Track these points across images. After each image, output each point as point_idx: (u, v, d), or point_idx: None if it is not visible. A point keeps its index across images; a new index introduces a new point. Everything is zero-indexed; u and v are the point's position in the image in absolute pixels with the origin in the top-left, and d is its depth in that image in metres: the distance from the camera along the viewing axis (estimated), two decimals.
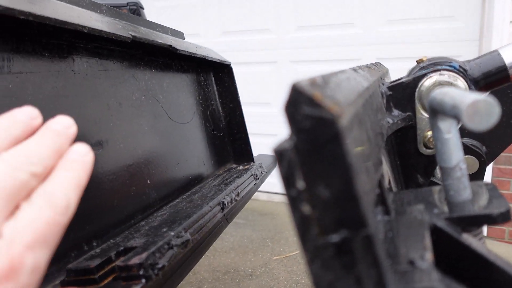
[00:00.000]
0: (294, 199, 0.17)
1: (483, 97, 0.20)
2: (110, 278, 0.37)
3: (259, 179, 0.79)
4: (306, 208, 0.17)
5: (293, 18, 2.62)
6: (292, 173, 0.17)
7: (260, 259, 2.10)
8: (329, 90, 0.19)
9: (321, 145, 0.16)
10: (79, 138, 0.47)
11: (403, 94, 0.46)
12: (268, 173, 0.90)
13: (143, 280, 0.36)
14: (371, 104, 0.32)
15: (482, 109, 0.20)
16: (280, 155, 0.17)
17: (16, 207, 0.24)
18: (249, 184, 0.70)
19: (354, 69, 0.37)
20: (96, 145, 0.49)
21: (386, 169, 0.40)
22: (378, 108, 0.38)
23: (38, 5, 0.37)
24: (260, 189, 0.87)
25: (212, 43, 2.88)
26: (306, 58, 2.63)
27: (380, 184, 0.25)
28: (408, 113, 0.46)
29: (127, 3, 1.33)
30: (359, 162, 0.18)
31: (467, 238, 0.25)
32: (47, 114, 0.43)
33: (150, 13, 2.82)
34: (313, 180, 0.17)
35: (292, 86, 0.17)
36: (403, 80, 0.47)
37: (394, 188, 0.42)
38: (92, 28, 0.43)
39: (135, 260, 0.36)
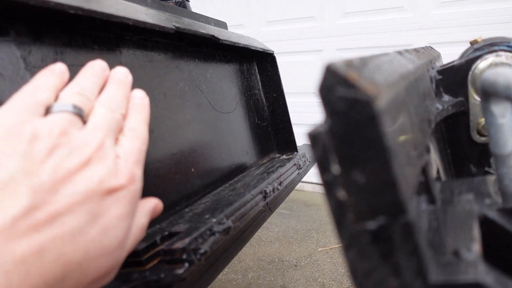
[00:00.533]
0: (329, 184, 0.17)
1: None
2: (155, 261, 0.39)
3: (302, 168, 0.78)
4: (341, 194, 0.17)
5: (339, 4, 2.55)
6: (326, 158, 0.17)
7: (304, 250, 2.10)
8: (366, 71, 0.18)
9: (356, 128, 0.16)
10: None
11: (454, 78, 0.43)
12: (312, 163, 0.89)
13: (186, 264, 0.37)
14: (417, 88, 0.30)
15: None
16: (314, 138, 0.17)
17: (116, 139, 0.32)
18: (292, 173, 0.70)
19: (399, 52, 0.35)
20: None
21: (434, 157, 0.38)
22: (425, 93, 0.36)
23: (92, 1, 0.39)
24: (305, 179, 0.86)
25: (256, 33, 2.88)
26: (353, 45, 2.56)
27: (424, 171, 0.24)
28: (460, 99, 0.43)
29: None
30: (398, 146, 0.17)
31: None
32: None
33: (197, 5, 2.86)
34: (349, 165, 0.16)
35: (326, 66, 0.16)
36: (454, 63, 0.44)
37: (443, 178, 0.40)
38: (136, 20, 0.44)
39: (178, 245, 0.37)
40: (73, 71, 0.42)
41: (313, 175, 2.67)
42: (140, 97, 0.37)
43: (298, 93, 2.77)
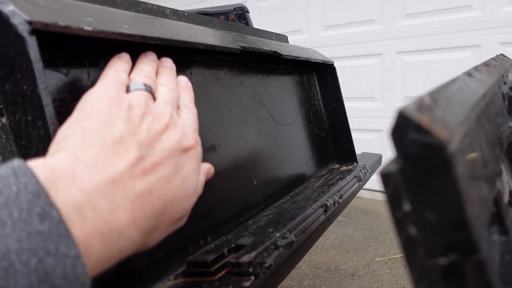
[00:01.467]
0: (400, 221, 0.18)
1: None
2: (223, 272, 0.41)
3: (363, 180, 0.77)
4: (412, 230, 0.18)
5: (400, 6, 2.47)
6: (398, 196, 0.18)
7: (362, 259, 2.05)
8: (438, 110, 0.19)
9: (429, 171, 0.17)
10: None
11: None
12: (372, 173, 0.88)
13: (252, 277, 0.39)
14: (488, 113, 0.30)
15: None
16: (386, 177, 0.18)
17: (177, 113, 0.38)
18: (352, 186, 0.70)
19: (468, 74, 0.35)
20: (210, 149, 0.54)
21: (507, 179, 0.36)
22: (497, 113, 0.35)
23: (163, 29, 0.43)
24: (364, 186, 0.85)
25: (315, 38, 2.87)
26: (413, 48, 2.46)
27: (496, 201, 0.24)
28: None
29: (234, 9, 1.41)
30: (470, 186, 0.18)
31: None
32: None
33: (254, 13, 2.92)
34: (420, 204, 0.17)
35: (398, 112, 0.17)
36: None
37: None
38: (207, 44, 0.48)
39: (246, 258, 0.39)
40: None
41: (372, 181, 2.61)
42: (185, 81, 0.44)
43: (357, 98, 2.72)
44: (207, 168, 0.43)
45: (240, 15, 1.42)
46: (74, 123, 0.30)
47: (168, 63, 0.44)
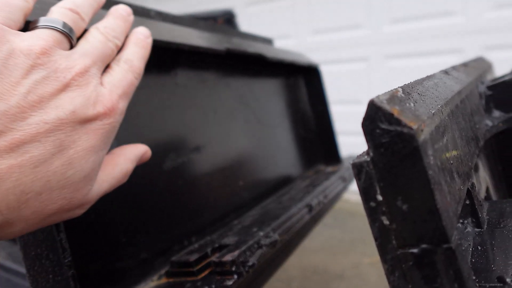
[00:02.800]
0: (372, 211, 0.18)
1: None
2: (206, 272, 0.41)
3: (348, 180, 0.78)
4: (384, 220, 0.18)
5: (386, 11, 2.50)
6: (370, 186, 0.18)
7: (350, 261, 2.06)
8: (410, 102, 0.19)
9: (399, 160, 0.17)
10: (181, 143, 0.52)
11: (506, 93, 0.42)
12: None
13: (235, 276, 0.39)
14: (464, 109, 0.30)
15: None
16: (358, 168, 0.18)
17: (108, 67, 0.30)
18: (337, 186, 0.70)
19: (445, 72, 0.35)
20: (195, 150, 0.54)
21: (484, 175, 0.37)
22: (473, 111, 0.36)
23: (150, 29, 0.43)
24: (350, 190, 0.86)
25: (303, 43, 2.89)
26: (401, 52, 2.50)
27: (470, 194, 0.24)
28: (511, 114, 0.42)
29: (222, 13, 1.42)
30: (441, 175, 0.18)
31: None
32: (156, 124, 0.49)
33: (243, 19, 2.93)
34: (391, 194, 0.18)
35: (369, 101, 0.18)
36: (506, 78, 0.43)
37: (494, 197, 0.39)
38: (191, 45, 0.48)
39: (228, 257, 0.39)
40: (136, 94, 0.46)
41: None
42: (145, 35, 0.35)
43: (345, 101, 2.74)
44: (140, 152, 0.34)
45: (228, 20, 1.43)
46: None
47: (122, 11, 0.34)
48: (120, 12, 0.33)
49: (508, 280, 0.18)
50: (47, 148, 0.24)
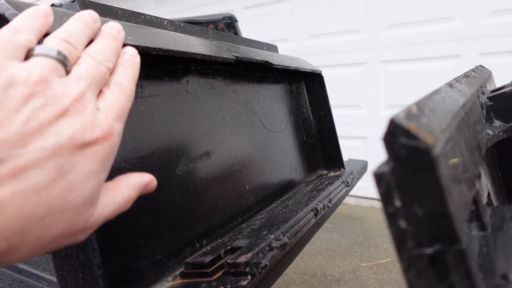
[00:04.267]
0: (391, 215, 0.20)
1: None
2: (220, 273, 0.43)
3: (350, 185, 0.80)
4: (402, 223, 0.20)
5: (384, 16, 2.54)
6: (389, 193, 0.20)
7: (348, 264, 2.08)
8: (424, 118, 0.22)
9: (416, 171, 0.19)
10: (192, 149, 0.54)
11: (505, 104, 0.45)
12: (358, 179, 0.91)
13: (249, 277, 0.41)
14: (468, 121, 0.33)
15: None
16: (379, 177, 0.20)
17: (100, 92, 0.30)
18: (340, 191, 0.72)
19: (450, 85, 0.38)
20: (205, 155, 0.56)
21: (485, 182, 0.39)
22: (476, 121, 0.39)
23: (163, 40, 0.45)
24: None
25: (301, 47, 2.92)
26: (397, 57, 2.53)
27: (475, 200, 0.26)
28: (511, 124, 0.44)
29: (223, 18, 1.44)
30: (451, 184, 0.20)
31: None
32: (170, 131, 0.50)
33: (242, 22, 2.96)
34: (409, 200, 0.20)
35: (390, 119, 0.20)
36: (505, 89, 0.45)
37: (494, 202, 0.41)
38: (204, 55, 0.50)
39: (242, 259, 0.41)
40: (150, 102, 0.48)
41: (357, 188, 2.65)
42: (132, 55, 0.34)
43: (342, 105, 2.77)
44: (144, 181, 0.33)
45: (229, 24, 1.45)
46: None
47: (112, 29, 0.34)
48: (109, 31, 0.34)
49: (511, 278, 0.20)
50: (48, 174, 0.24)
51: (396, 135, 0.19)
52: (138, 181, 0.33)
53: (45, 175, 0.24)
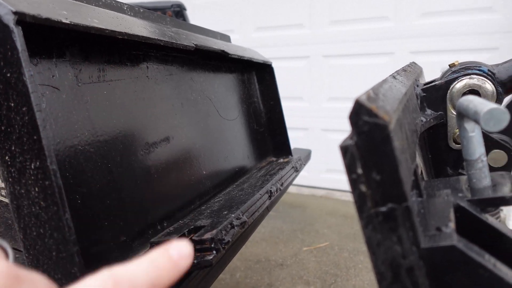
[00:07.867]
0: (354, 181, 0.24)
1: (497, 106, 0.26)
2: None
3: (299, 171, 0.86)
4: (363, 188, 0.24)
5: (327, 13, 2.65)
6: (353, 163, 0.24)
7: (290, 249, 2.17)
8: (380, 101, 0.26)
9: (375, 143, 0.23)
10: (153, 133, 0.55)
11: (436, 95, 0.52)
12: (305, 165, 0.97)
13: (214, 252, 0.44)
14: (408, 107, 0.38)
15: (495, 115, 0.26)
16: (344, 149, 0.24)
17: None
18: (291, 175, 0.77)
19: (393, 76, 0.43)
20: (164, 140, 0.57)
21: (419, 161, 0.46)
22: (413, 109, 0.44)
23: (127, 25, 0.46)
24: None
25: (246, 39, 2.95)
26: (339, 52, 2.66)
27: (415, 172, 0.31)
28: (440, 112, 0.52)
29: (171, 5, 1.42)
30: (401, 155, 0.25)
31: (484, 215, 0.31)
32: (131, 115, 0.51)
33: (187, 11, 2.91)
34: (369, 168, 0.24)
35: (355, 100, 0.24)
36: (436, 83, 0.52)
37: (425, 178, 0.47)
38: (166, 41, 0.51)
39: (208, 235, 0.44)
40: (112, 86, 0.49)
41: (298, 177, 2.76)
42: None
43: (286, 97, 2.86)
44: None
45: (178, 12, 1.44)
46: None
47: (177, 253, 0.24)
48: (168, 257, 0.24)
49: (443, 229, 0.26)
50: None
51: (360, 114, 0.23)
52: None
53: None
